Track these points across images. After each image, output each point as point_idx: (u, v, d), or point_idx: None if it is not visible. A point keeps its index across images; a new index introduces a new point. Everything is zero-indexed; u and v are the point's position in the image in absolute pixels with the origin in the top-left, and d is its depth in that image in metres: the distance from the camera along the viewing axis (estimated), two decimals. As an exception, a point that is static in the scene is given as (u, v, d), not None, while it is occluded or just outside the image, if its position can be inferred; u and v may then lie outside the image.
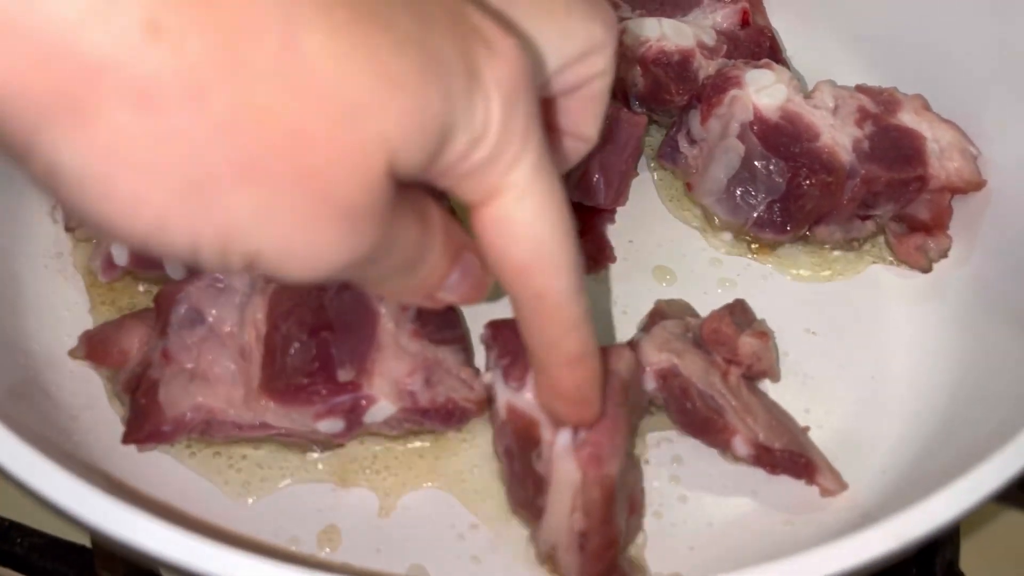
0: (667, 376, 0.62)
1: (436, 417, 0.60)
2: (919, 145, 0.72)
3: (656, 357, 0.62)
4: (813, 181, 0.71)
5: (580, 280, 0.44)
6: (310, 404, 0.58)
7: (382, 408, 0.59)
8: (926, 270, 0.74)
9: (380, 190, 0.35)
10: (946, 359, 0.68)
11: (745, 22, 0.84)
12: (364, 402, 0.58)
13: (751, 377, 0.65)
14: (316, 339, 0.58)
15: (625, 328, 0.70)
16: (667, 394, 0.63)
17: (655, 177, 0.80)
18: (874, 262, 0.76)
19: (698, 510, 0.63)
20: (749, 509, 0.63)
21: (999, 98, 0.74)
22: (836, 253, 0.76)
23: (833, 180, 0.71)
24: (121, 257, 0.67)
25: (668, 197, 0.79)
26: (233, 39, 0.31)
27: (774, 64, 0.76)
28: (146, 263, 0.67)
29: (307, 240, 0.35)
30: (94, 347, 0.63)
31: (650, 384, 0.62)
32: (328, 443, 0.61)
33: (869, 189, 0.72)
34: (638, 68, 0.80)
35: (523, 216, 0.40)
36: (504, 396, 0.58)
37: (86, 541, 0.66)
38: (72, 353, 0.64)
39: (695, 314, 0.68)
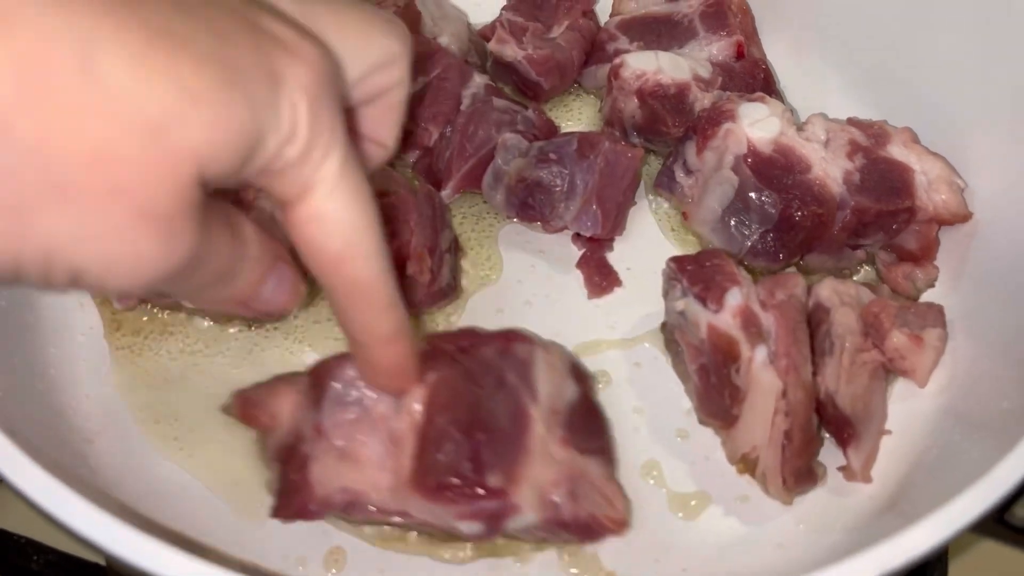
0: (819, 309, 0.68)
1: (575, 531, 0.59)
2: (908, 177, 0.75)
3: (825, 292, 0.69)
4: (805, 212, 0.73)
5: (389, 266, 0.48)
6: (455, 504, 0.57)
7: (525, 518, 0.57)
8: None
9: (191, 199, 0.38)
10: (932, 386, 0.70)
11: (740, 55, 0.86)
12: (509, 511, 0.57)
13: (893, 370, 0.69)
14: (471, 440, 0.57)
15: (626, 356, 0.73)
16: (812, 317, 0.68)
17: (653, 206, 0.83)
18: (864, 290, 0.78)
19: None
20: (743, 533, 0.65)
21: (985, 132, 0.76)
22: (827, 281, 0.78)
23: (824, 211, 0.73)
24: (135, 285, 0.69)
25: (666, 226, 0.82)
26: (32, 70, 0.33)
27: (768, 97, 0.78)
28: (160, 291, 0.69)
29: (125, 252, 0.37)
30: (245, 408, 0.62)
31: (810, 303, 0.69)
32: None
33: (859, 220, 0.74)
34: (635, 100, 0.82)
35: (335, 209, 0.43)
36: (704, 318, 0.65)
37: (100, 559, 0.68)
38: (224, 409, 0.63)
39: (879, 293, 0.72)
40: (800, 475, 0.63)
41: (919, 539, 0.47)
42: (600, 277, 0.78)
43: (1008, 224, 0.73)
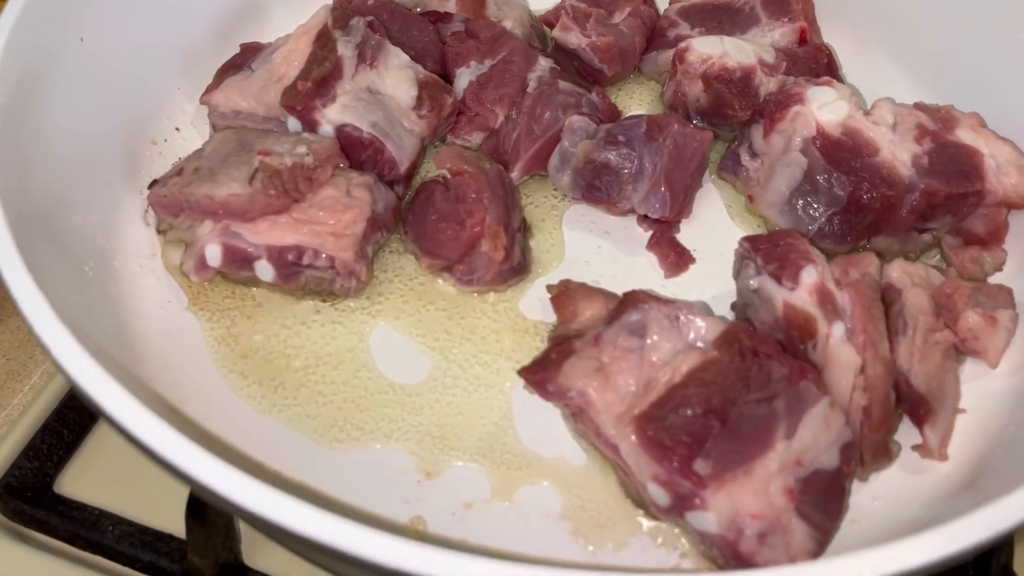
0: (890, 289, 0.69)
1: (737, 565, 0.58)
2: (977, 161, 0.75)
3: (896, 272, 0.69)
4: (874, 195, 0.74)
5: None
6: (657, 463, 0.58)
7: (706, 520, 0.57)
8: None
9: None
10: (1003, 367, 0.70)
11: (803, 40, 0.87)
12: (697, 501, 0.57)
13: (964, 351, 0.69)
14: (706, 421, 0.58)
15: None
16: (884, 297, 0.68)
17: (717, 189, 0.83)
18: (931, 273, 0.78)
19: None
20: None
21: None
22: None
23: (893, 194, 0.74)
24: (214, 259, 0.70)
25: (731, 208, 0.82)
26: None
27: (835, 81, 0.78)
28: (237, 264, 0.70)
29: None
30: (562, 297, 0.69)
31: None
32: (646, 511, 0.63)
33: (928, 203, 0.74)
34: (701, 84, 0.82)
35: None
36: (780, 295, 0.66)
37: (175, 530, 0.69)
38: (549, 289, 0.72)
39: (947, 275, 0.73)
40: (877, 451, 0.64)
41: (998, 517, 0.47)
42: (675, 256, 0.78)
43: (1077, 208, 0.73)
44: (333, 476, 0.65)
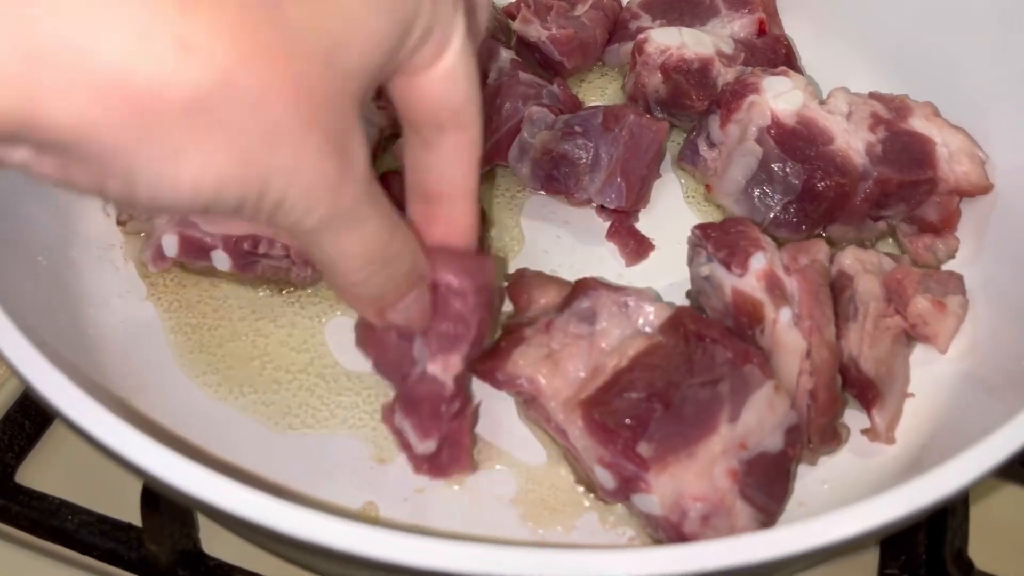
0: (842, 276, 0.70)
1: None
2: (929, 149, 0.76)
3: (848, 259, 0.70)
4: (828, 183, 0.74)
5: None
6: (602, 445, 0.59)
7: (651, 502, 0.58)
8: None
9: (356, 113, 0.44)
10: (952, 352, 0.71)
11: (762, 31, 0.88)
12: (642, 484, 0.58)
13: (915, 336, 0.70)
14: (648, 404, 0.59)
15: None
16: (836, 284, 0.69)
17: (676, 179, 0.84)
18: (885, 261, 0.79)
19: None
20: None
21: (1005, 105, 0.77)
22: (849, 252, 0.79)
23: (847, 182, 0.75)
24: (171, 249, 0.70)
25: (689, 198, 0.83)
26: (241, 34, 0.37)
27: (791, 71, 0.79)
28: (194, 254, 0.71)
29: (316, 178, 0.42)
30: (516, 287, 0.70)
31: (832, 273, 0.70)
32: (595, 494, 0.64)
33: (881, 191, 0.75)
34: (659, 75, 0.83)
35: (463, 64, 0.50)
36: (729, 282, 0.66)
37: (133, 519, 0.69)
38: (505, 278, 0.72)
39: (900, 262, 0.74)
40: (825, 434, 0.64)
41: (950, 478, 0.48)
42: (634, 244, 0.79)
43: (1028, 195, 0.74)
44: (286, 463, 0.65)
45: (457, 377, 0.63)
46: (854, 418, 0.68)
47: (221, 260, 0.71)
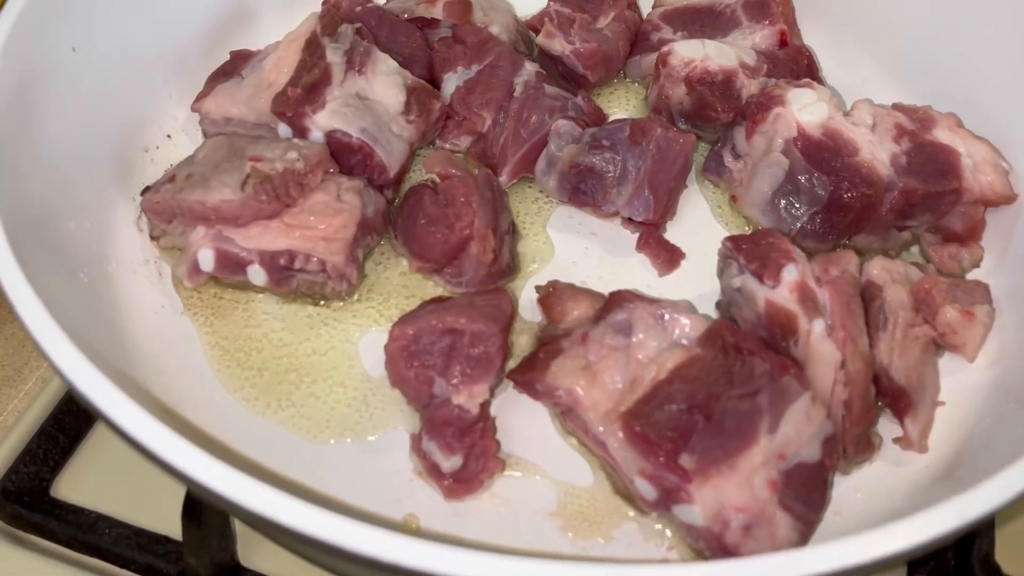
0: (871, 286, 0.70)
1: (722, 556, 0.59)
2: (954, 160, 0.77)
3: (876, 270, 0.71)
4: (854, 194, 0.75)
5: None
6: (643, 457, 0.59)
7: (693, 513, 0.58)
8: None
9: None
10: (980, 360, 0.71)
11: (784, 43, 0.88)
12: (683, 495, 0.58)
13: (943, 345, 0.71)
14: (690, 416, 0.59)
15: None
16: (865, 294, 0.70)
17: (701, 190, 0.85)
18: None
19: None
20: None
21: (1028, 116, 0.78)
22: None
23: (873, 193, 0.75)
24: (207, 264, 0.71)
25: (715, 209, 0.84)
26: None
27: (814, 83, 0.80)
28: (229, 269, 0.72)
29: None
30: (549, 299, 0.71)
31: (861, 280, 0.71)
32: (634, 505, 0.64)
33: (907, 201, 0.76)
34: (683, 87, 0.84)
35: None
36: (762, 293, 0.67)
37: (171, 532, 0.70)
38: (538, 289, 0.73)
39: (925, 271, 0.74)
40: (859, 444, 0.65)
41: (977, 501, 0.49)
42: (666, 254, 0.80)
43: (1052, 205, 0.75)
44: (327, 476, 0.66)
45: (482, 404, 0.65)
46: (886, 427, 0.69)
47: (257, 275, 0.71)
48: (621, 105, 0.92)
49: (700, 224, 0.83)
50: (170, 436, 0.49)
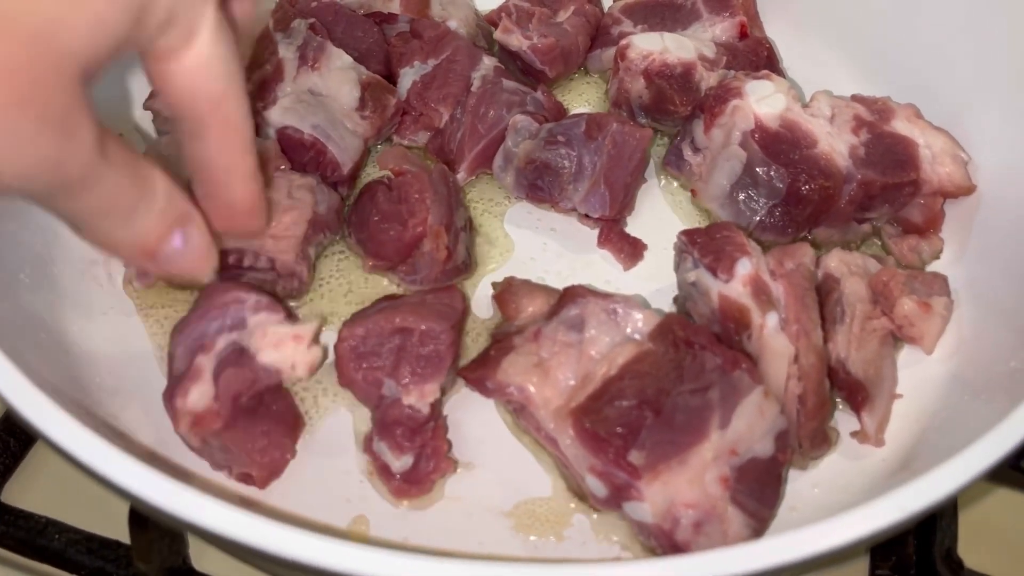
0: (828, 278, 0.70)
1: (673, 552, 0.58)
2: (912, 151, 0.76)
3: (834, 262, 0.70)
4: (812, 186, 0.74)
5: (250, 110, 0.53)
6: (593, 455, 0.59)
7: (643, 510, 0.58)
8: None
9: (81, 92, 0.43)
10: (938, 352, 0.71)
11: (743, 34, 0.88)
12: (633, 492, 0.58)
13: (901, 337, 0.71)
14: (638, 411, 0.59)
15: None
16: (822, 287, 0.70)
17: (662, 184, 0.84)
18: (870, 262, 0.79)
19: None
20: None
21: (988, 105, 0.77)
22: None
23: (831, 185, 0.75)
24: (155, 264, 0.70)
25: (675, 203, 0.83)
26: None
27: (773, 75, 0.79)
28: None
29: (30, 155, 0.42)
30: (504, 295, 0.70)
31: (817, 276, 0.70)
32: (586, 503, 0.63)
33: (866, 193, 0.75)
34: (642, 81, 0.83)
35: (219, 54, 0.49)
36: (716, 287, 0.66)
37: (122, 537, 0.69)
38: (494, 286, 0.72)
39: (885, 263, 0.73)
40: (815, 438, 0.65)
41: (937, 483, 0.48)
42: (628, 247, 0.79)
43: (1011, 196, 0.74)
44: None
45: (433, 403, 0.64)
46: (843, 421, 0.68)
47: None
48: (582, 99, 0.91)
49: (660, 218, 0.82)
50: (109, 451, 0.49)
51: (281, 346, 0.62)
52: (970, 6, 0.79)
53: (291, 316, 0.65)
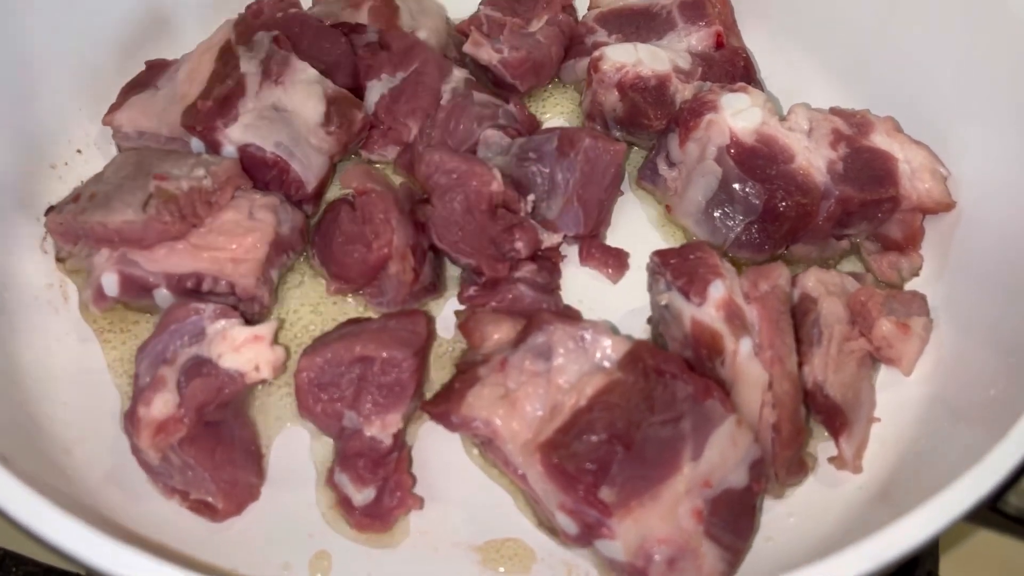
0: (805, 299, 0.68)
1: None
2: (891, 166, 0.74)
3: (811, 282, 0.68)
4: (789, 203, 0.73)
5: None
6: (563, 492, 0.57)
7: (614, 548, 0.56)
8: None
9: None
10: (917, 374, 0.69)
11: (719, 44, 0.85)
12: (605, 531, 0.56)
13: (879, 359, 0.69)
14: (610, 447, 0.57)
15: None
16: (799, 307, 0.68)
17: (639, 198, 0.82)
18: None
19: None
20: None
21: (969, 119, 0.75)
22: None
23: (809, 201, 0.73)
24: (111, 288, 0.67)
25: (652, 218, 0.81)
26: None
27: (749, 87, 0.77)
28: (135, 293, 0.68)
29: None
30: (468, 324, 0.68)
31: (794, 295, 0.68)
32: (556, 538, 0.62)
33: (844, 209, 0.73)
34: (616, 93, 0.81)
35: None
36: (688, 311, 0.64)
37: (80, 571, 0.67)
38: (457, 315, 0.70)
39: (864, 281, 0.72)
40: (791, 466, 0.63)
41: (913, 529, 0.47)
42: (612, 260, 0.78)
43: (991, 213, 0.73)
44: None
45: (395, 434, 0.62)
46: (820, 447, 0.67)
47: (164, 299, 0.68)
48: (556, 110, 0.89)
49: (637, 234, 0.80)
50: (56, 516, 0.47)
51: (243, 348, 0.60)
52: (950, 18, 0.77)
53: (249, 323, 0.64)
